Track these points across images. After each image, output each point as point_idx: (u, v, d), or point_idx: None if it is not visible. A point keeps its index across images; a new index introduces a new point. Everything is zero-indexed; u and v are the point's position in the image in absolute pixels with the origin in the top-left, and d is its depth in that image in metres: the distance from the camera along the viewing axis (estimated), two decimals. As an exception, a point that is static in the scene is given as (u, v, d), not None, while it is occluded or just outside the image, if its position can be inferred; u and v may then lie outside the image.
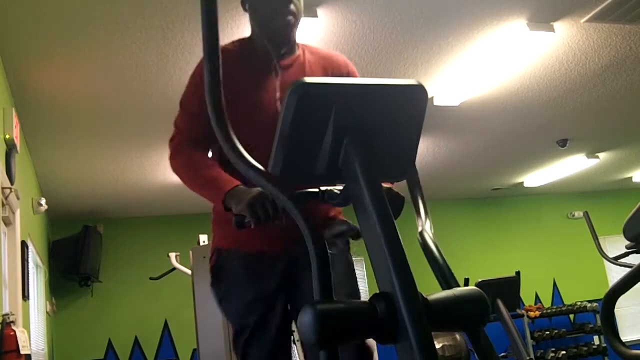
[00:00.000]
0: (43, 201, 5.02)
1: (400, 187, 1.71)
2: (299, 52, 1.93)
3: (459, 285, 1.11)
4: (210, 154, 1.92)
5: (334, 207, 1.95)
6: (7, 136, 3.53)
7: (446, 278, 1.12)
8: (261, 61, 1.88)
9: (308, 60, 1.93)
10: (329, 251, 1.76)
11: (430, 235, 1.23)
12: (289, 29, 1.87)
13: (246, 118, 1.78)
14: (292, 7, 1.84)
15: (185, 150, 1.85)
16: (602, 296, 2.35)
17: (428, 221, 1.28)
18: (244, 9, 1.93)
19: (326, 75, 1.93)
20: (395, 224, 1.01)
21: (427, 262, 1.18)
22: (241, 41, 1.95)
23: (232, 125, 1.77)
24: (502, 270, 5.59)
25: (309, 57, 1.94)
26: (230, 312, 1.91)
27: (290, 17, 1.84)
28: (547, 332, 8.41)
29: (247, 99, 1.83)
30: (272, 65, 1.88)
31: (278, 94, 1.85)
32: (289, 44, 1.90)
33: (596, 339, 8.69)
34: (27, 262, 4.20)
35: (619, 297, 2.21)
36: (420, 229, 1.26)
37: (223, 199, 1.65)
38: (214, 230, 1.98)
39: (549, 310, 8.60)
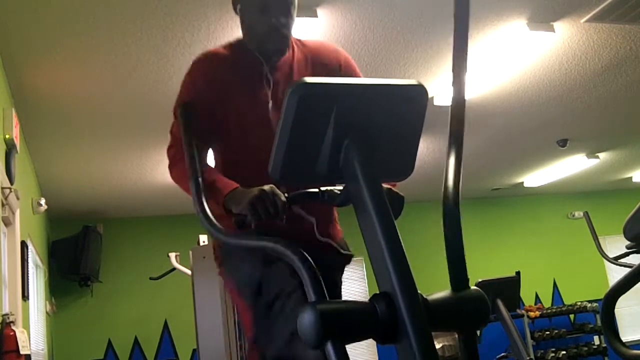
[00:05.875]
0: (43, 201, 5.02)
1: (402, 186, 1.71)
2: (289, 50, 1.88)
3: (467, 278, 1.09)
4: (213, 156, 1.92)
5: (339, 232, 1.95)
6: (7, 136, 3.53)
7: (457, 268, 1.09)
8: (253, 68, 1.84)
9: (297, 59, 1.88)
10: None
11: (455, 207, 1.14)
12: (284, 42, 1.83)
13: (239, 130, 1.79)
14: (289, 21, 1.80)
15: (183, 158, 1.84)
16: (602, 296, 2.35)
17: (454, 192, 1.16)
18: (235, 12, 1.89)
19: (313, 71, 1.88)
20: (395, 224, 1.01)
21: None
22: (233, 46, 1.90)
23: (225, 138, 1.77)
24: (502, 270, 5.58)
25: (298, 55, 1.89)
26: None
27: (285, 31, 1.81)
28: (547, 332, 8.41)
29: (240, 110, 1.81)
30: (264, 73, 1.83)
31: (270, 104, 1.82)
32: (282, 54, 1.86)
33: (596, 339, 8.69)
34: (27, 262, 4.21)
35: (619, 297, 2.21)
36: (443, 198, 1.14)
37: (223, 201, 1.64)
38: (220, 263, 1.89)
39: (549, 311, 8.59)
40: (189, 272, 5.38)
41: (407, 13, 3.61)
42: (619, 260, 4.61)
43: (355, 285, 8.11)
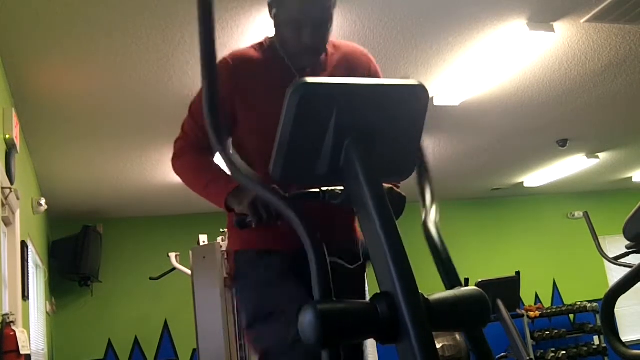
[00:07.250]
0: (43, 201, 5.02)
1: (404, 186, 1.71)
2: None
3: (460, 280, 1.10)
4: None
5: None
6: (7, 136, 3.53)
7: (448, 272, 1.11)
8: (285, 76, 1.77)
9: (330, 63, 1.85)
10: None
11: (434, 226, 1.16)
12: (316, 59, 1.81)
13: (262, 134, 1.77)
14: (324, 38, 1.76)
15: (189, 152, 1.84)
16: (602, 296, 2.35)
17: (433, 211, 1.20)
18: (270, 16, 1.81)
19: (348, 75, 1.83)
20: (397, 224, 1.01)
21: (427, 261, 1.17)
22: (264, 47, 1.85)
23: (250, 137, 1.76)
24: (502, 270, 5.58)
25: (331, 58, 1.85)
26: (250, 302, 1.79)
27: (319, 51, 1.78)
28: (547, 332, 8.41)
29: (265, 116, 1.74)
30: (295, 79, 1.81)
31: None
32: (314, 66, 1.82)
33: (596, 339, 8.69)
34: (27, 262, 4.20)
35: (619, 297, 2.21)
36: (424, 218, 1.18)
37: (225, 198, 1.64)
38: (230, 233, 1.94)
39: (549, 310, 8.60)
40: (189, 272, 5.38)
41: (407, 13, 3.60)
42: (619, 260, 4.62)
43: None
